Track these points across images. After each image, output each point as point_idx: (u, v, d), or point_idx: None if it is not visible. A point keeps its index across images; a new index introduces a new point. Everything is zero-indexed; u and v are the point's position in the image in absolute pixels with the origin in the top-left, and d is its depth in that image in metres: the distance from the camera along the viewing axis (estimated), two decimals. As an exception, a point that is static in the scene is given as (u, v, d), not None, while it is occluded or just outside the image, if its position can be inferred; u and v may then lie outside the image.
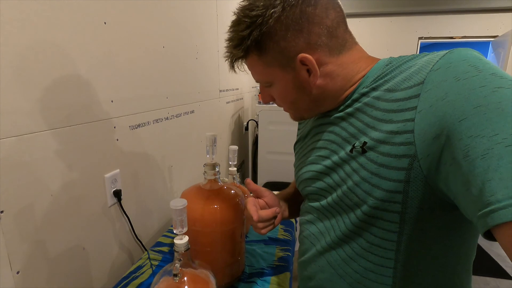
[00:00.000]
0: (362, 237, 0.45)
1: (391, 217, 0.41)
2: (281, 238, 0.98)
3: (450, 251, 0.42)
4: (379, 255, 0.44)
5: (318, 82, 0.47)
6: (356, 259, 0.46)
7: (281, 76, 0.48)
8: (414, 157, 0.37)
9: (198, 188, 0.71)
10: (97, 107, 0.73)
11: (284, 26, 0.44)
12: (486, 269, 2.07)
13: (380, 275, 0.44)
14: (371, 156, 0.41)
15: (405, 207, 0.39)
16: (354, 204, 0.44)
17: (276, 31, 0.44)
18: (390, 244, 0.42)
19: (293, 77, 0.48)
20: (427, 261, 0.42)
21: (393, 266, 0.43)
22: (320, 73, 0.46)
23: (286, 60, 0.46)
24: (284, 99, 0.53)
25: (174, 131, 1.15)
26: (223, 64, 1.70)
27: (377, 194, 0.41)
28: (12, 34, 0.52)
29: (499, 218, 0.27)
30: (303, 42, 0.44)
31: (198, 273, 0.54)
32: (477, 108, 0.31)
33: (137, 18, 0.87)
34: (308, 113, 0.54)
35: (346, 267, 0.47)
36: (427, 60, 0.39)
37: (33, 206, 0.58)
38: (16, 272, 0.56)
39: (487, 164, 0.28)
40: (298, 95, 0.50)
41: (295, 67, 0.46)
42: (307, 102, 0.51)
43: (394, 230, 0.41)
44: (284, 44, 0.45)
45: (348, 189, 0.45)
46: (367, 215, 0.43)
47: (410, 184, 0.38)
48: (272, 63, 0.47)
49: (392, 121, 0.39)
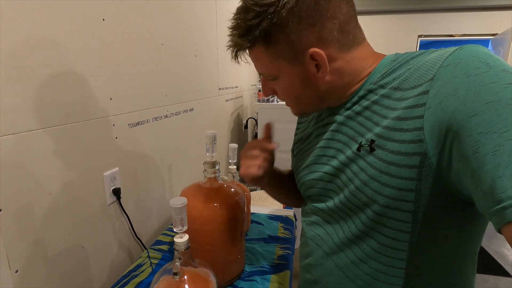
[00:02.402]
0: (373, 238, 0.43)
1: (403, 216, 0.40)
2: (281, 236, 0.97)
3: (459, 248, 0.42)
4: (390, 256, 0.42)
5: (326, 78, 0.46)
6: (367, 261, 0.45)
7: (288, 70, 0.46)
8: (425, 154, 0.36)
9: (198, 186, 0.71)
10: (95, 105, 0.73)
11: (296, 18, 0.41)
12: (485, 267, 2.07)
13: (391, 276, 0.43)
14: (380, 154, 0.40)
15: (417, 206, 0.38)
16: (363, 204, 0.43)
17: (287, 23, 0.42)
18: (402, 245, 0.41)
19: (301, 71, 0.46)
20: (437, 259, 0.42)
21: (404, 266, 0.42)
22: (329, 69, 0.45)
23: (294, 54, 0.44)
24: (289, 94, 0.50)
25: (173, 129, 1.14)
26: (222, 62, 1.70)
27: (388, 193, 0.39)
28: (9, 31, 0.51)
29: (511, 215, 0.26)
30: (315, 37, 0.43)
31: (198, 272, 0.54)
32: (488, 104, 0.30)
33: (136, 15, 0.87)
34: (311, 108, 0.53)
35: (355, 270, 0.46)
36: (436, 56, 0.38)
37: (32, 204, 0.58)
38: (15, 271, 0.55)
39: (498, 160, 0.28)
40: (303, 90, 0.48)
41: (304, 61, 0.44)
42: (312, 97, 0.49)
43: (406, 230, 0.40)
44: (294, 37, 0.43)
45: (356, 188, 0.43)
46: (378, 214, 0.41)
47: (422, 182, 0.37)
48: (280, 56, 0.45)
49: (401, 119, 0.39)
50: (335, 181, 0.48)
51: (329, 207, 0.50)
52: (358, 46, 0.46)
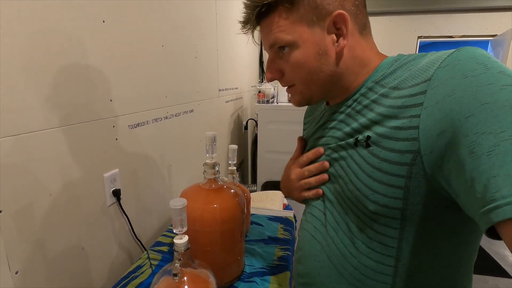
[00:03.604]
0: (364, 233, 0.44)
1: (392, 213, 0.41)
2: (281, 237, 0.97)
3: (454, 251, 0.42)
4: (380, 252, 0.43)
5: (344, 52, 0.45)
6: (357, 255, 0.46)
7: (307, 36, 0.44)
8: (417, 152, 0.36)
9: (198, 188, 0.71)
10: (96, 106, 0.73)
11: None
12: (485, 268, 2.07)
13: (380, 273, 0.44)
14: (374, 150, 0.41)
15: (406, 204, 0.39)
16: (355, 198, 0.44)
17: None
18: (391, 241, 0.42)
19: (320, 39, 0.44)
20: (429, 261, 0.42)
21: (393, 264, 0.43)
22: (347, 42, 0.45)
23: (317, 18, 0.43)
24: (302, 68, 0.47)
25: (173, 130, 1.14)
26: (222, 63, 1.70)
27: (378, 189, 0.41)
28: (10, 33, 0.52)
29: (503, 214, 0.26)
30: (338, 4, 0.43)
31: (198, 273, 0.54)
32: (485, 105, 0.30)
33: (136, 17, 0.87)
34: (319, 93, 0.50)
35: (345, 263, 0.47)
36: (434, 58, 0.39)
37: (32, 205, 0.58)
38: (15, 272, 0.55)
39: (493, 160, 0.28)
40: (318, 64, 0.46)
41: (325, 28, 0.44)
42: (324, 76, 0.47)
43: (395, 226, 0.41)
44: (320, 0, 0.43)
45: (350, 181, 0.45)
46: (368, 209, 0.42)
47: (411, 180, 0.38)
48: (301, 19, 0.44)
49: (398, 117, 0.39)
50: (332, 176, 0.50)
51: (324, 199, 0.51)
52: (367, 35, 0.47)
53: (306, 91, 0.50)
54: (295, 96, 0.52)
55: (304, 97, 0.51)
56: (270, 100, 2.14)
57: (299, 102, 0.52)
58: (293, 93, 0.52)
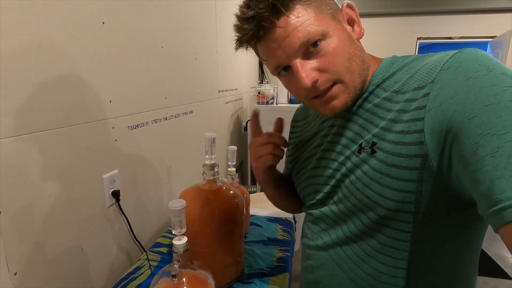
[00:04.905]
0: (374, 238, 0.43)
1: (404, 217, 0.40)
2: (280, 238, 0.97)
3: (461, 248, 0.42)
4: (392, 256, 0.42)
5: (359, 43, 0.46)
6: (368, 260, 0.45)
7: (334, 26, 0.43)
8: (426, 156, 0.36)
9: (197, 189, 0.71)
10: (95, 108, 0.73)
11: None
12: (485, 269, 2.07)
13: (393, 276, 0.43)
14: (380, 156, 0.41)
15: (418, 207, 0.39)
16: (365, 205, 0.43)
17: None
18: (403, 245, 0.41)
19: (342, 27, 0.44)
20: (439, 260, 0.42)
21: (406, 267, 0.42)
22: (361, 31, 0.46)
23: (333, 10, 0.43)
24: (342, 56, 0.43)
25: (172, 131, 1.14)
26: (222, 64, 1.70)
27: (389, 194, 0.40)
28: (9, 34, 0.52)
29: (509, 216, 0.26)
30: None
31: (197, 274, 0.54)
32: (488, 106, 0.30)
33: (136, 18, 0.87)
34: (358, 87, 0.45)
35: (357, 270, 0.46)
36: (436, 59, 0.39)
37: (31, 207, 0.58)
38: (13, 273, 0.55)
39: (497, 162, 0.28)
40: (352, 50, 0.44)
41: (340, 20, 0.44)
42: (359, 63, 0.44)
43: (407, 230, 0.40)
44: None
45: (357, 190, 0.43)
46: (379, 215, 0.41)
47: (423, 184, 0.37)
48: (323, 10, 0.42)
49: (402, 121, 0.39)
50: (335, 184, 0.48)
51: (332, 210, 0.49)
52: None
53: (350, 83, 0.44)
54: (341, 96, 0.45)
55: (350, 93, 0.45)
56: (269, 101, 2.14)
57: (345, 102, 0.45)
58: (335, 94, 0.44)
